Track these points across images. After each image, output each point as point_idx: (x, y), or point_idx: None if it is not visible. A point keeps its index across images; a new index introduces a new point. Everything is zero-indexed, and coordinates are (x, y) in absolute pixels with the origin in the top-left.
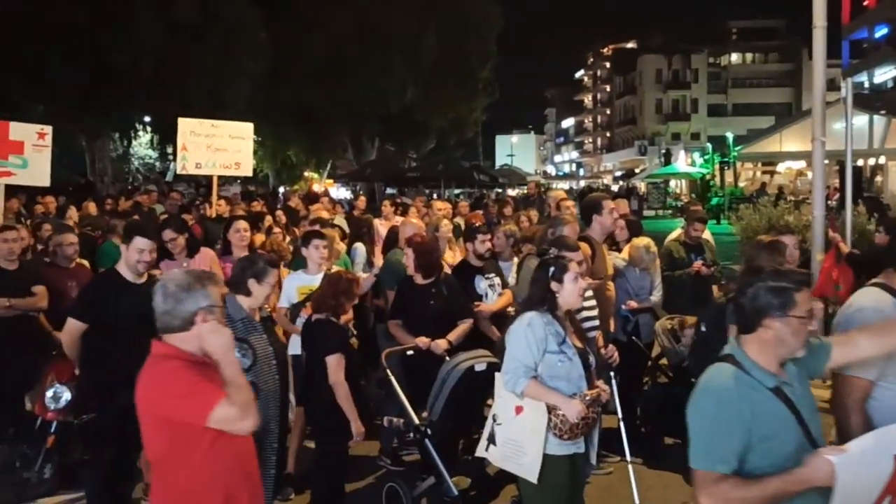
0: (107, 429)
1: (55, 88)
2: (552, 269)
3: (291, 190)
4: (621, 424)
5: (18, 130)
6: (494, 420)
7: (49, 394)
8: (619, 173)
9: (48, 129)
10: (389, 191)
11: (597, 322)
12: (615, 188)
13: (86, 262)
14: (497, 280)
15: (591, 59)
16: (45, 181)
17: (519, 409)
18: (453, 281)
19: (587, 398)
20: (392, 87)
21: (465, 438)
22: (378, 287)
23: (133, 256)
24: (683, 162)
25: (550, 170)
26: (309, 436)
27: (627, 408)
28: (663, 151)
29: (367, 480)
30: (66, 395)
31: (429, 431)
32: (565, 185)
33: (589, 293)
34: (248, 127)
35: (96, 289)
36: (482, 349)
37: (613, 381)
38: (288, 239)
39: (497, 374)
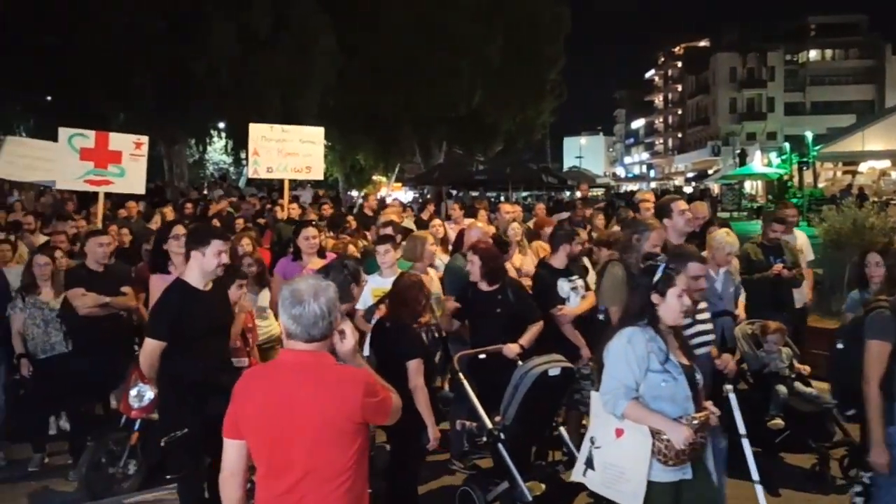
0: (201, 441)
1: (136, 97)
2: (656, 279)
3: (366, 193)
4: (744, 442)
5: (117, 141)
6: (592, 443)
7: (133, 392)
8: (691, 175)
9: (144, 139)
10: (456, 194)
11: (711, 337)
12: (687, 190)
13: None
14: (580, 283)
15: (662, 59)
16: (141, 189)
17: (619, 432)
18: (518, 284)
19: (695, 422)
20: (459, 91)
21: (539, 443)
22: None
23: (212, 262)
24: (759, 162)
25: (620, 172)
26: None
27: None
28: (738, 152)
29: (439, 483)
30: (149, 394)
31: (502, 436)
32: (635, 186)
33: (703, 304)
34: (319, 131)
35: (171, 304)
36: (557, 353)
37: (732, 396)
38: (361, 244)
39: (595, 394)
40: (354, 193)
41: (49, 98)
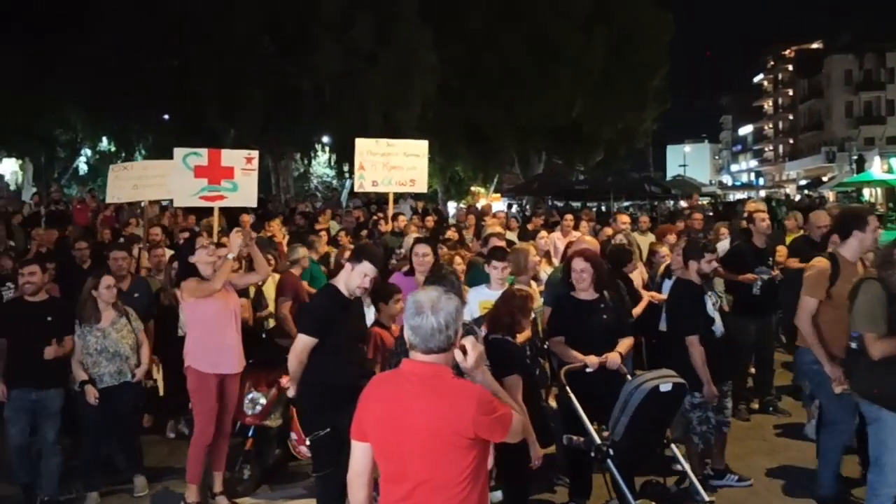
0: (342, 443)
1: (246, 114)
2: None
3: (468, 202)
4: None
5: (229, 157)
6: None
7: (247, 399)
8: (803, 182)
9: (254, 154)
10: (556, 204)
11: None
12: (799, 198)
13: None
14: (716, 299)
15: (772, 63)
16: (253, 202)
17: None
18: (612, 293)
19: None
20: (559, 100)
21: (649, 460)
22: None
23: (356, 280)
24: (879, 168)
25: (727, 180)
26: None
27: None
28: (855, 157)
29: (545, 498)
30: (262, 401)
31: (611, 452)
32: (743, 195)
33: None
34: (423, 144)
35: (324, 305)
36: (667, 369)
37: None
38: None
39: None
40: (452, 205)
41: (166, 116)
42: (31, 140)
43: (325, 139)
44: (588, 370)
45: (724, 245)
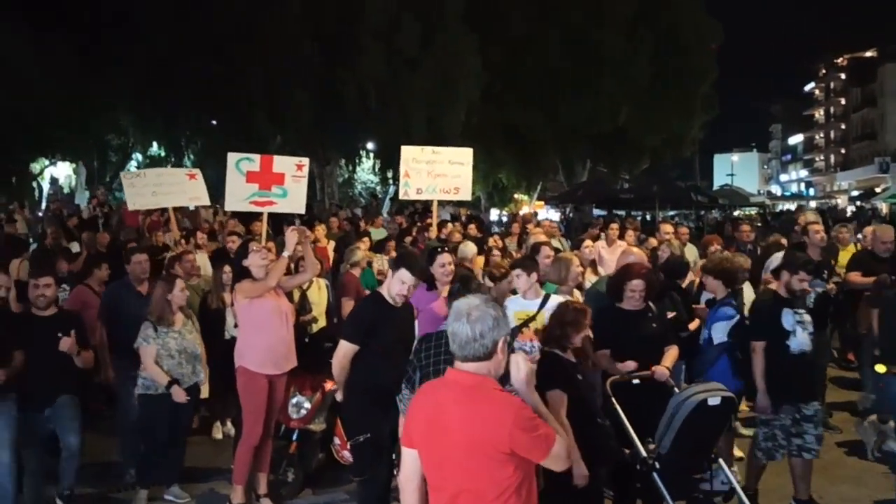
0: (384, 447)
1: (292, 120)
2: None
3: (510, 209)
4: None
5: (280, 163)
6: None
7: (292, 403)
8: (855, 193)
9: (305, 161)
10: (598, 212)
11: None
12: (851, 209)
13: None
14: (808, 317)
15: (823, 71)
16: (302, 208)
17: None
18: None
19: None
20: (604, 107)
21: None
22: None
23: (395, 287)
24: None
25: (776, 190)
26: None
27: None
28: None
29: None
30: (307, 405)
31: (657, 465)
32: (792, 205)
33: None
34: (468, 152)
35: (367, 312)
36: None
37: None
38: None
39: None
40: (495, 212)
41: (214, 122)
42: (85, 143)
43: (370, 145)
44: (634, 382)
45: (779, 257)
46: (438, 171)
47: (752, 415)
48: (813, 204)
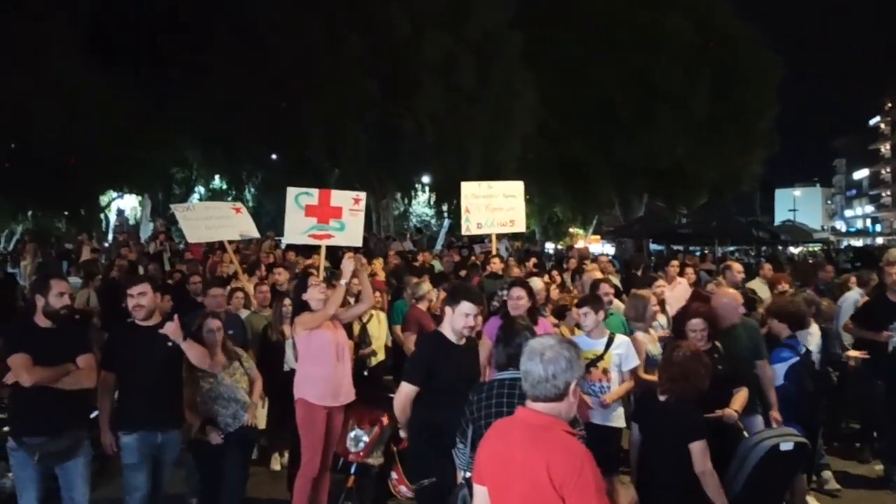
0: (446, 491)
1: (350, 154)
2: None
3: (566, 243)
4: None
5: (338, 197)
6: None
7: (350, 436)
8: None
9: (362, 195)
10: (656, 247)
11: None
12: None
13: None
14: None
15: (889, 105)
16: (358, 242)
17: None
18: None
19: None
20: (661, 141)
21: None
22: None
23: (459, 322)
24: None
25: (840, 226)
26: None
27: None
28: None
29: None
30: (365, 439)
31: None
32: (858, 242)
33: None
34: (519, 185)
35: (427, 352)
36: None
37: None
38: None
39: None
40: (550, 245)
41: (274, 156)
42: (150, 176)
43: (425, 178)
44: None
45: (852, 296)
46: (495, 206)
47: None
48: (879, 240)
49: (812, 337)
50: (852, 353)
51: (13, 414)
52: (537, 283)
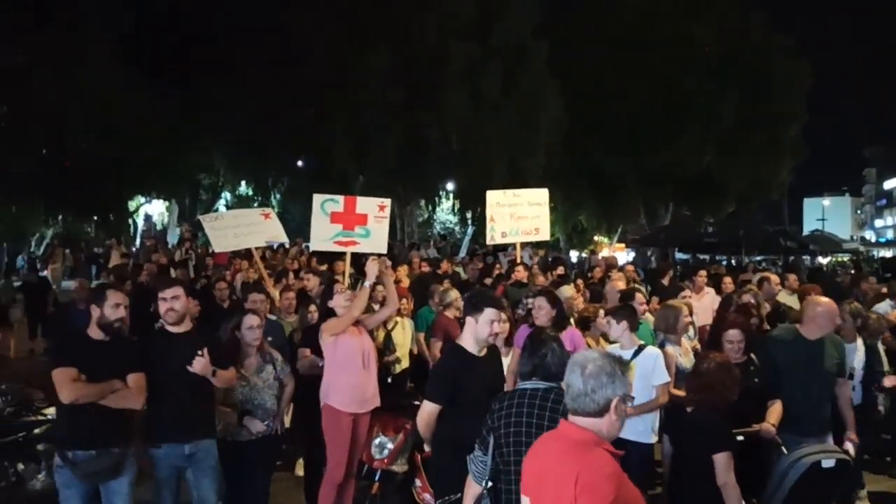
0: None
1: (375, 161)
2: None
3: (590, 251)
4: None
5: (363, 204)
6: None
7: (375, 443)
8: None
9: (387, 202)
10: (682, 256)
11: None
12: None
13: None
14: None
15: None
16: (383, 248)
17: None
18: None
19: None
20: (688, 150)
21: None
22: None
23: (483, 330)
24: None
25: (869, 236)
26: None
27: None
28: None
29: None
30: (389, 446)
31: None
32: (888, 252)
33: None
34: (544, 192)
35: (446, 369)
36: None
37: None
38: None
39: None
40: (574, 253)
41: (300, 163)
42: (178, 183)
43: (450, 185)
44: (738, 439)
45: (883, 307)
46: (520, 214)
47: None
48: None
49: (857, 353)
50: (888, 381)
51: (58, 427)
52: (567, 290)
